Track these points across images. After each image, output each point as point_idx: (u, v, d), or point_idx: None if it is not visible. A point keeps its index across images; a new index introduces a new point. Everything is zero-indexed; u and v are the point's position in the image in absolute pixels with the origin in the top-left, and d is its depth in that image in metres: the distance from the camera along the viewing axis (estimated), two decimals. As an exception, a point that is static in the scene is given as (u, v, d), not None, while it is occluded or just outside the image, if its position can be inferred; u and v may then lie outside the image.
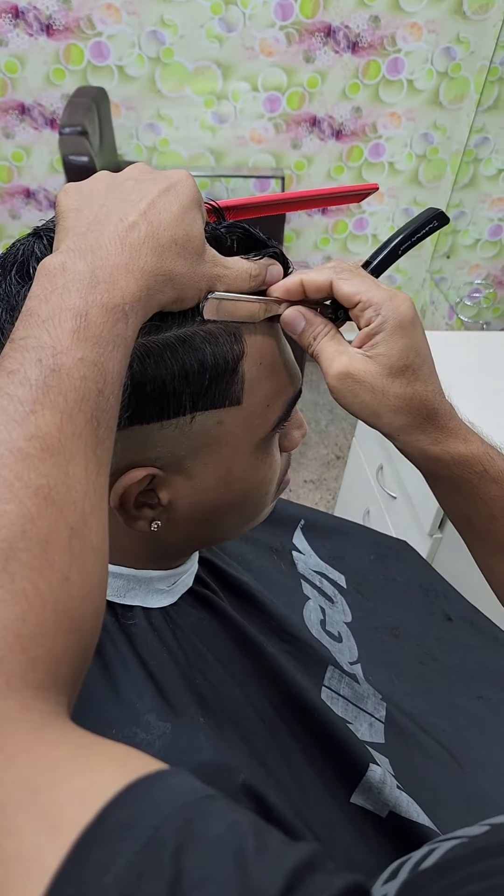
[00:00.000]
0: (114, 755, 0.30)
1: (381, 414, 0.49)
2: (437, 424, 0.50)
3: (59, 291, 0.36)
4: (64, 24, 2.16)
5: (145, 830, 0.25)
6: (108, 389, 0.36)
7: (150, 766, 0.29)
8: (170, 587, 0.59)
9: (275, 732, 0.59)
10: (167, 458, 0.48)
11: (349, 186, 0.57)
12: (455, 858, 0.34)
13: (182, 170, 0.44)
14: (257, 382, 0.49)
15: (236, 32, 2.22)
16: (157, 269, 0.40)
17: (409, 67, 2.32)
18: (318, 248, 2.75)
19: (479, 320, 2.61)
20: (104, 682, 0.52)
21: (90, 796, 0.27)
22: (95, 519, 0.35)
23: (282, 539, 0.87)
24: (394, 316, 0.47)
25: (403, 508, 1.51)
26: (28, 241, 0.46)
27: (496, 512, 0.51)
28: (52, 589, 0.32)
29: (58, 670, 0.32)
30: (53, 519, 0.32)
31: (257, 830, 0.27)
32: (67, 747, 0.29)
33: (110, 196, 0.41)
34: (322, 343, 0.49)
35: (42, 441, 0.33)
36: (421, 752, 0.73)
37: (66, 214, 0.41)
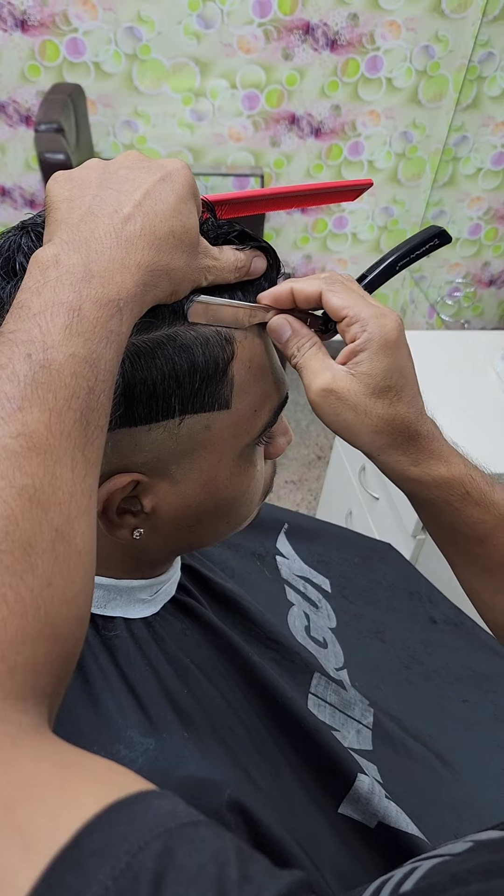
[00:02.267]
0: (95, 772, 0.29)
1: (362, 433, 0.48)
2: (418, 446, 0.49)
3: (52, 285, 0.35)
4: (39, 20, 2.13)
5: (123, 856, 0.24)
6: (99, 387, 0.35)
7: (132, 786, 0.28)
8: (152, 596, 0.58)
9: (261, 744, 0.58)
10: (153, 463, 0.46)
11: (343, 182, 0.55)
12: (434, 885, 0.32)
13: (177, 158, 0.42)
14: (246, 386, 0.48)
15: (214, 29, 2.20)
16: (154, 264, 0.38)
17: (388, 65, 2.32)
18: (298, 246, 2.74)
19: (459, 319, 2.62)
20: (84, 697, 0.51)
21: (67, 816, 0.25)
22: (82, 522, 0.34)
23: (265, 544, 0.86)
24: (380, 334, 0.46)
25: (386, 510, 1.50)
26: (13, 235, 0.44)
27: (480, 534, 0.50)
28: (34, 594, 0.30)
29: (37, 680, 0.30)
30: (38, 521, 0.31)
31: (241, 859, 0.26)
32: (46, 763, 0.28)
33: (103, 185, 0.40)
34: (306, 356, 0.48)
35: (28, 439, 0.32)
36: (409, 757, 0.73)
37: (58, 205, 0.40)
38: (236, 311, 0.46)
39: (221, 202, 0.49)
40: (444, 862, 0.34)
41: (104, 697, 0.51)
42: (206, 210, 0.47)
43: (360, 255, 2.79)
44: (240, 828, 0.49)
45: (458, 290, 2.61)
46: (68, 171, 0.42)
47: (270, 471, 0.57)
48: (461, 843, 0.37)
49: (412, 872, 0.33)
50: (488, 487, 0.50)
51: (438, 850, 0.37)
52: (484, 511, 0.50)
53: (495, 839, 0.37)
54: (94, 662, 0.53)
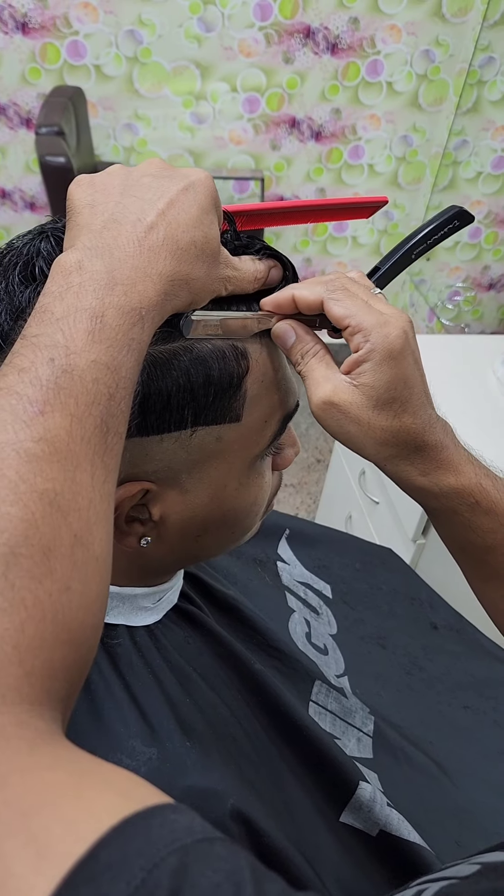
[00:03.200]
0: (112, 782, 0.28)
1: (366, 445, 0.47)
2: (426, 456, 0.48)
3: (75, 290, 0.35)
4: (40, 23, 2.13)
5: (139, 872, 0.24)
6: (119, 395, 0.35)
7: (149, 798, 0.27)
8: (155, 604, 0.57)
9: (263, 753, 0.58)
10: (163, 472, 0.46)
11: (359, 198, 0.54)
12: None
13: (200, 169, 0.42)
14: (257, 399, 0.47)
15: (215, 32, 2.20)
16: (176, 274, 0.38)
17: (389, 69, 2.32)
18: (298, 249, 2.74)
19: (458, 323, 2.62)
20: (87, 705, 0.51)
21: (84, 827, 0.25)
22: (100, 528, 0.34)
23: (266, 550, 0.85)
24: (383, 345, 0.45)
25: (386, 514, 1.50)
26: (32, 240, 0.44)
27: (490, 542, 0.50)
28: (52, 599, 0.30)
29: (53, 685, 0.30)
30: (57, 525, 0.31)
31: (256, 879, 0.25)
32: (63, 770, 0.28)
33: (126, 193, 0.40)
34: (310, 364, 0.47)
35: (50, 444, 0.32)
36: (409, 765, 0.72)
37: (80, 210, 0.40)
38: (238, 322, 0.45)
39: (239, 213, 0.48)
40: (451, 885, 0.33)
41: (106, 706, 0.51)
42: (226, 221, 0.46)
43: (360, 258, 2.80)
44: (243, 837, 0.49)
45: (458, 294, 2.61)
46: (90, 175, 0.42)
47: (276, 482, 0.57)
48: (468, 865, 0.36)
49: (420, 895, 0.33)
50: (500, 496, 0.49)
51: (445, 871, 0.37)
52: (494, 520, 0.49)
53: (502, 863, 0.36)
54: (96, 671, 0.52)
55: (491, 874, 0.35)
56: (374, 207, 0.55)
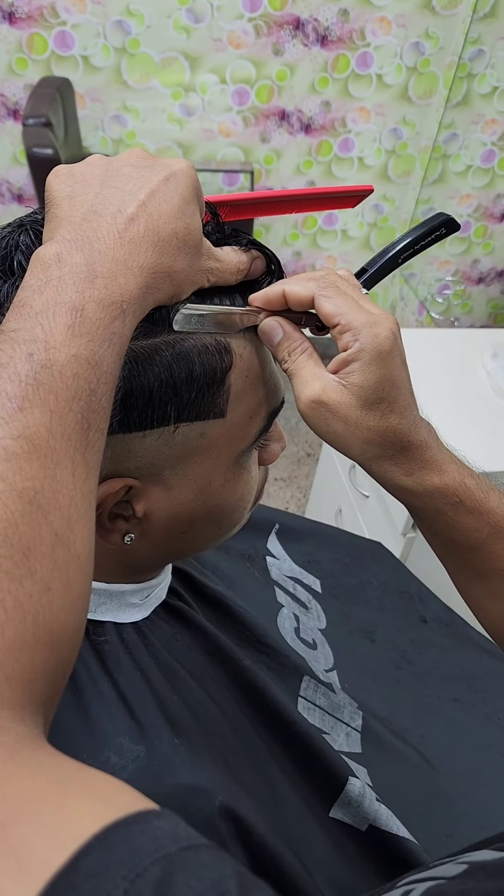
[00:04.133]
0: (94, 789, 0.28)
1: (352, 445, 0.47)
2: (410, 456, 0.48)
3: (55, 284, 0.34)
4: (27, 13, 2.11)
5: (121, 882, 0.23)
6: (101, 389, 0.34)
7: (132, 805, 0.27)
8: (143, 601, 0.57)
9: (252, 749, 0.57)
10: (146, 468, 0.46)
11: (344, 187, 0.54)
12: None
13: (182, 158, 0.42)
14: (242, 395, 0.47)
15: (204, 23, 2.18)
16: (157, 266, 0.38)
17: (379, 62, 2.31)
18: (288, 243, 2.73)
19: (448, 316, 2.62)
20: (74, 703, 0.50)
21: (65, 836, 0.24)
22: (81, 526, 0.33)
23: (256, 544, 0.85)
24: (372, 345, 0.44)
25: (376, 508, 1.50)
26: (10, 233, 0.43)
27: (474, 542, 0.50)
28: (33, 600, 0.30)
29: (34, 688, 0.30)
30: (38, 524, 0.30)
31: (243, 886, 0.25)
32: (43, 777, 0.27)
33: (107, 184, 0.39)
34: (297, 362, 0.47)
35: (29, 441, 0.31)
36: (398, 759, 0.73)
37: (59, 201, 0.39)
38: (226, 317, 0.45)
39: (222, 203, 0.48)
40: (438, 885, 0.33)
41: (94, 704, 0.50)
42: (208, 212, 0.46)
43: (350, 252, 2.79)
44: (232, 835, 0.48)
45: (448, 288, 2.62)
46: (70, 165, 0.41)
47: (263, 477, 0.57)
48: (455, 864, 0.36)
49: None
50: (483, 495, 0.49)
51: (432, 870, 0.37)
52: (478, 519, 0.49)
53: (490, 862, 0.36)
54: (83, 668, 0.52)
55: (478, 874, 0.35)
56: (359, 196, 0.55)
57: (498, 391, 1.49)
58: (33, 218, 0.44)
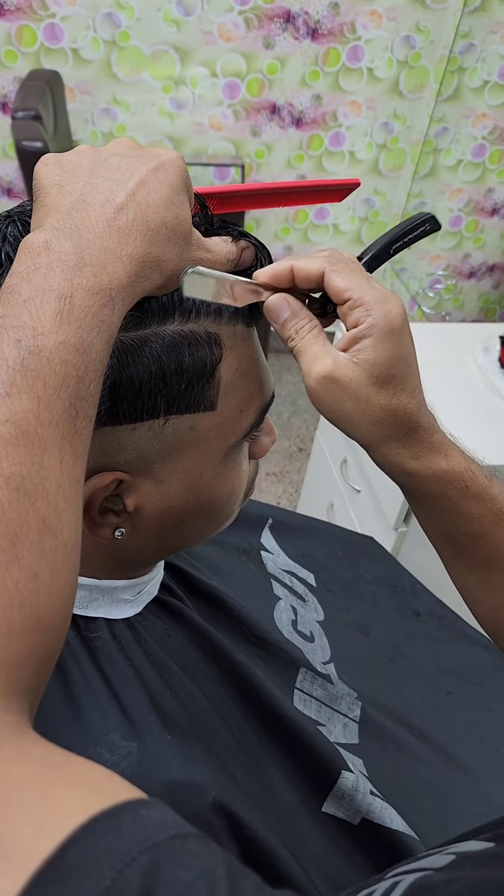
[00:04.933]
0: (82, 777, 0.28)
1: (361, 424, 0.45)
2: (418, 438, 0.47)
3: (43, 271, 0.34)
4: (16, 5, 2.09)
5: (108, 872, 0.23)
6: (89, 377, 0.34)
7: (120, 794, 0.26)
8: (134, 597, 0.57)
9: (245, 744, 0.57)
10: (136, 462, 0.45)
11: (331, 181, 0.54)
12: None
13: (171, 149, 0.41)
14: (232, 388, 0.46)
15: (194, 16, 2.17)
16: (146, 255, 0.37)
17: (369, 55, 2.30)
18: (279, 237, 2.72)
19: (440, 311, 2.63)
20: (65, 700, 0.50)
21: (51, 825, 0.24)
22: (69, 514, 0.33)
23: (249, 539, 0.85)
24: (384, 321, 0.43)
25: (368, 502, 1.50)
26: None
27: (476, 530, 0.49)
28: (20, 587, 0.29)
29: (21, 675, 0.29)
30: (25, 511, 0.30)
31: (231, 876, 0.25)
32: (30, 766, 0.27)
33: (95, 173, 0.39)
34: (305, 339, 0.46)
35: (17, 427, 0.31)
36: (396, 750, 0.73)
37: (47, 190, 0.39)
38: (232, 287, 0.44)
39: (211, 195, 0.47)
40: (425, 876, 0.33)
41: (85, 700, 0.50)
42: (197, 203, 0.45)
43: (341, 246, 2.78)
44: (225, 830, 0.48)
45: (439, 282, 2.62)
46: (58, 154, 0.41)
47: (254, 470, 0.57)
48: (443, 855, 0.36)
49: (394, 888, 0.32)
50: (487, 481, 0.49)
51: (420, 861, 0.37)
52: (482, 506, 0.48)
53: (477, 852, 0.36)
54: (75, 664, 0.52)
55: (465, 864, 0.35)
56: (346, 190, 0.55)
57: (489, 386, 1.49)
58: (21, 209, 0.43)
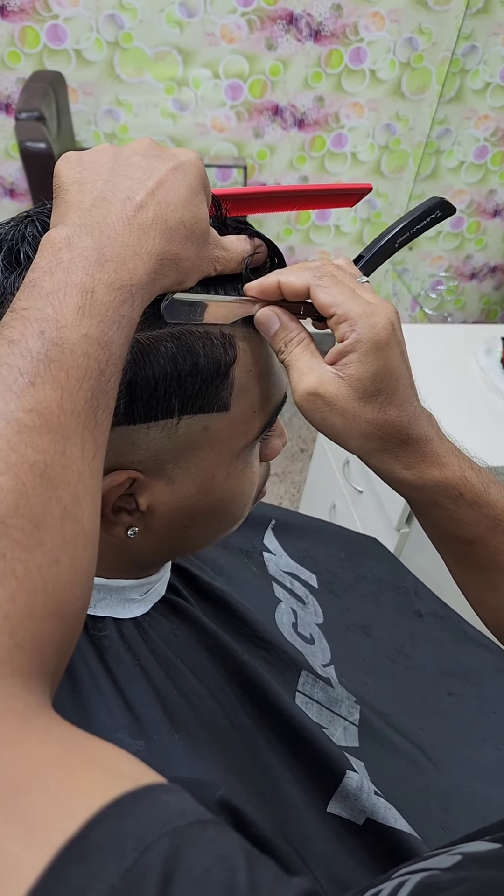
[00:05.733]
0: (103, 759, 0.28)
1: (350, 438, 0.46)
2: (410, 450, 0.47)
3: (65, 266, 0.35)
4: (19, 6, 2.09)
5: (130, 853, 0.24)
6: (109, 370, 0.35)
7: (141, 777, 0.27)
8: (142, 596, 0.57)
9: (251, 743, 0.58)
10: (150, 461, 0.46)
11: (344, 185, 0.54)
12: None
13: (189, 149, 0.42)
14: (246, 389, 0.47)
15: (197, 18, 2.17)
16: (165, 253, 0.38)
17: (372, 57, 2.31)
18: (281, 238, 2.73)
19: (441, 312, 2.63)
20: (73, 698, 0.50)
21: (75, 804, 0.25)
22: (89, 503, 0.34)
23: (252, 540, 0.85)
24: (369, 336, 0.44)
25: (370, 503, 1.50)
26: (17, 225, 0.43)
27: (473, 535, 0.50)
28: (42, 571, 0.30)
29: (43, 658, 0.30)
30: (47, 497, 0.31)
31: (249, 863, 0.25)
32: (53, 745, 0.27)
33: (116, 171, 0.40)
34: (294, 353, 0.46)
35: (41, 416, 0.32)
36: (395, 753, 0.73)
37: (68, 187, 0.39)
38: (221, 306, 0.44)
39: (226, 197, 0.48)
40: (431, 876, 0.33)
41: (93, 699, 0.50)
42: (213, 205, 0.46)
43: (343, 247, 2.79)
44: (232, 829, 0.49)
45: (441, 284, 2.62)
46: (79, 152, 0.42)
47: (265, 473, 0.57)
48: (449, 855, 0.36)
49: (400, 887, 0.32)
50: (483, 489, 0.49)
51: (426, 862, 0.37)
52: (477, 513, 0.49)
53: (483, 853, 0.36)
54: (82, 663, 0.52)
55: (471, 865, 0.35)
56: (358, 195, 0.55)
57: (491, 387, 1.50)
58: (40, 209, 0.44)
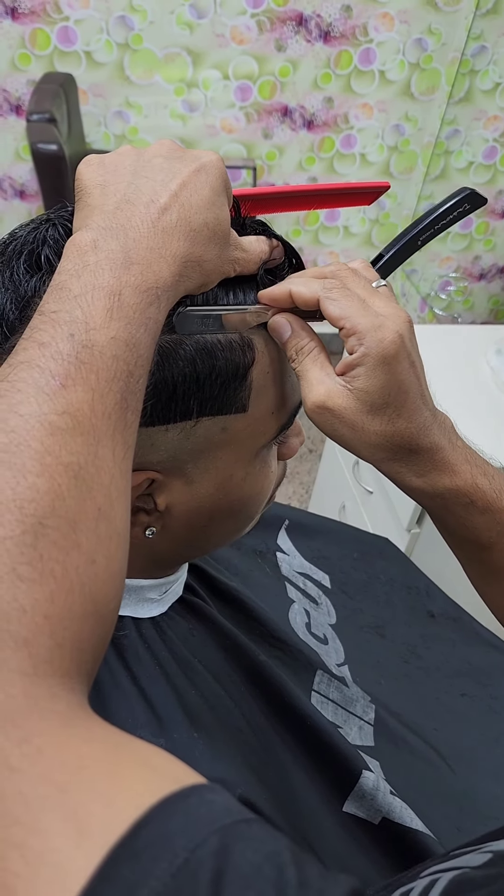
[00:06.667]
0: (146, 759, 0.29)
1: (359, 448, 0.46)
2: (420, 459, 0.47)
3: (92, 269, 0.35)
4: (30, 8, 2.10)
5: (181, 852, 0.24)
6: (137, 372, 0.35)
7: (184, 777, 0.27)
8: (161, 596, 0.57)
9: (267, 743, 0.58)
10: (168, 462, 0.46)
11: (361, 183, 0.54)
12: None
13: (211, 151, 0.42)
14: (264, 390, 0.47)
15: (207, 19, 2.18)
16: (189, 256, 0.39)
17: (381, 58, 2.31)
18: (290, 239, 2.70)
19: (450, 313, 2.63)
20: (93, 697, 0.50)
21: (122, 804, 0.25)
22: (121, 503, 0.34)
23: (266, 540, 0.86)
24: (377, 349, 0.43)
25: (380, 503, 1.51)
26: (37, 228, 0.43)
27: (485, 542, 0.50)
28: (79, 571, 0.31)
29: (82, 657, 0.31)
30: (82, 499, 0.31)
31: (297, 861, 0.25)
32: (97, 745, 0.28)
33: (138, 174, 0.40)
34: (304, 363, 0.46)
35: (73, 418, 0.32)
36: (410, 753, 0.73)
37: (90, 190, 0.40)
38: (234, 315, 0.45)
39: (245, 197, 0.48)
40: (463, 873, 0.34)
41: (113, 697, 0.51)
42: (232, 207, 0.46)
43: (352, 248, 2.79)
44: None
45: (450, 284, 2.62)
46: (101, 155, 0.42)
47: (281, 472, 0.57)
48: (479, 854, 0.37)
49: (433, 886, 0.33)
50: (496, 495, 0.49)
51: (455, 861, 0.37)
52: (489, 519, 0.49)
53: None
54: (102, 662, 0.52)
55: (501, 862, 0.35)
56: (376, 193, 0.55)
57: (502, 387, 1.49)
58: (61, 213, 0.44)
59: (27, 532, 0.29)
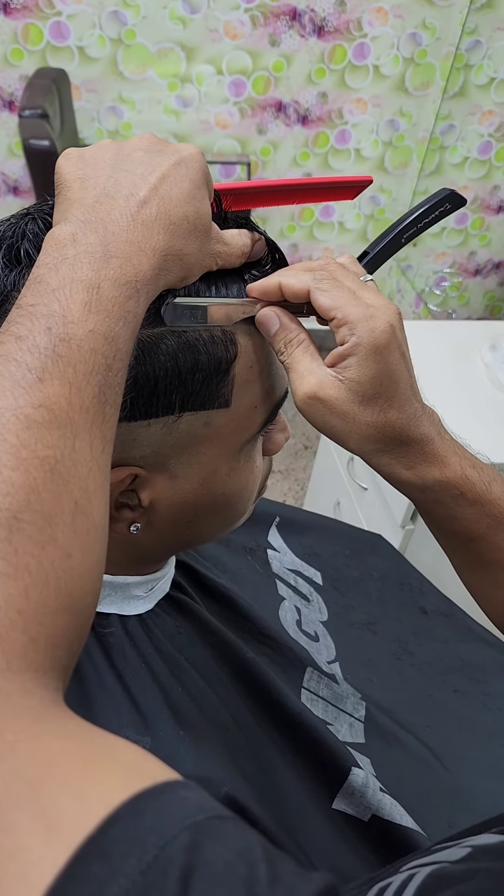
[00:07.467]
0: (119, 755, 0.28)
1: (350, 440, 0.46)
2: (410, 450, 0.47)
3: (70, 262, 0.35)
4: (22, 3, 2.09)
5: (151, 849, 0.24)
6: (116, 365, 0.35)
7: (158, 774, 0.27)
8: (147, 593, 0.57)
9: (255, 741, 0.58)
10: (151, 457, 0.46)
11: (344, 178, 0.54)
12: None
13: (191, 144, 0.42)
14: (246, 385, 0.47)
15: (200, 14, 2.17)
16: (169, 249, 0.38)
17: (375, 53, 2.30)
18: (285, 235, 2.72)
19: (445, 308, 2.62)
20: (78, 695, 0.50)
21: (93, 801, 0.25)
22: (99, 498, 0.34)
23: (257, 538, 0.85)
24: (368, 339, 0.44)
25: (375, 500, 1.50)
26: (17, 222, 0.43)
27: (475, 532, 0.50)
28: (55, 566, 0.30)
29: (56, 653, 0.30)
30: (58, 492, 0.31)
31: (268, 858, 0.25)
32: (70, 741, 0.27)
33: (118, 167, 0.40)
34: (294, 355, 0.46)
35: (50, 411, 0.32)
36: (401, 750, 0.73)
37: (70, 184, 0.39)
38: (221, 308, 0.44)
39: (227, 192, 0.48)
40: (441, 868, 0.33)
41: (98, 696, 0.50)
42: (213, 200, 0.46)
43: (347, 244, 2.79)
44: None
45: (445, 280, 2.62)
46: (80, 149, 0.42)
47: (267, 468, 0.57)
48: (458, 848, 0.36)
49: (410, 880, 0.32)
50: (485, 487, 0.49)
51: (435, 855, 0.37)
52: (478, 511, 0.49)
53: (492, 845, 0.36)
54: (88, 660, 0.52)
55: (482, 857, 0.35)
56: (359, 187, 0.55)
57: (496, 383, 1.49)
58: (41, 207, 0.44)
59: (2, 526, 0.29)
